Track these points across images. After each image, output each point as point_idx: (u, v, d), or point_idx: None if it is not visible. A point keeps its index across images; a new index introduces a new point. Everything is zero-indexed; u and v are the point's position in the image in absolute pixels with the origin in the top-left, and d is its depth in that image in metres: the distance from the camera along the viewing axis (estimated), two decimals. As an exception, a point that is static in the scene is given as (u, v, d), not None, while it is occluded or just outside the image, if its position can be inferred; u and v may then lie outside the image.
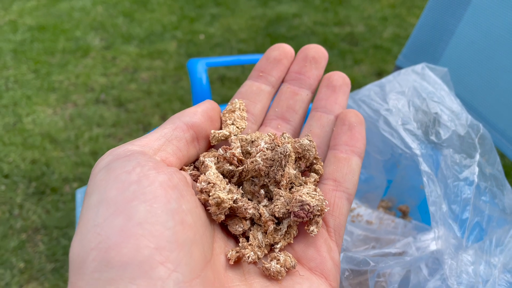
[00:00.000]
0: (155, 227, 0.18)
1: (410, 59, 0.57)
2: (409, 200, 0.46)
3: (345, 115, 0.28)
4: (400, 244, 0.31)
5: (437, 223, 0.28)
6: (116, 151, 0.22)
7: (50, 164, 1.23)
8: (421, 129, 0.31)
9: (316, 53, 0.31)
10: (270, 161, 0.24)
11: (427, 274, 0.30)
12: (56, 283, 0.96)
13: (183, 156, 0.24)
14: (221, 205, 0.22)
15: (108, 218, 0.19)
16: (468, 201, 0.29)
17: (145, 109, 1.47)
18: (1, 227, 1.06)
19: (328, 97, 0.30)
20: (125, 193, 0.19)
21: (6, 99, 1.47)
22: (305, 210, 0.23)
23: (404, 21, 2.12)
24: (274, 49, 0.31)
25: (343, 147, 0.27)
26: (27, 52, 1.73)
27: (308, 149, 0.26)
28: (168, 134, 0.24)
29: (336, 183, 0.26)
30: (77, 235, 0.19)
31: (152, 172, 0.20)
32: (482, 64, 0.50)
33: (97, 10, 2.09)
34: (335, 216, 0.25)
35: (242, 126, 0.27)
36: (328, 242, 0.24)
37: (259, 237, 0.24)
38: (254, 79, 0.31)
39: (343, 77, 0.30)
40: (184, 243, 0.19)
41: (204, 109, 0.26)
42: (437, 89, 0.33)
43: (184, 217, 0.20)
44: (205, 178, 0.23)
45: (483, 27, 0.50)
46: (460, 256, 0.27)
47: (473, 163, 0.31)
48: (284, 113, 0.30)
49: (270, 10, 2.19)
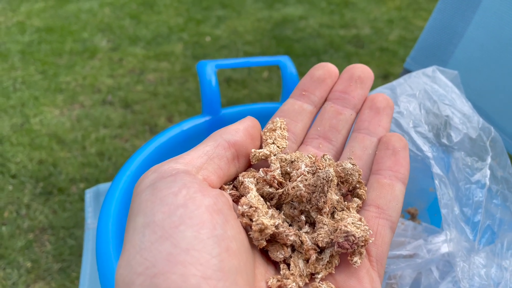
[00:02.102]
0: (201, 255, 0.18)
1: (419, 61, 0.57)
2: (418, 202, 0.46)
3: (389, 139, 0.27)
4: (410, 246, 0.31)
5: (449, 225, 0.28)
6: (161, 168, 0.22)
7: (57, 164, 1.24)
8: (433, 132, 0.32)
9: (362, 72, 0.30)
10: (312, 187, 0.24)
11: (438, 276, 0.30)
12: (63, 283, 0.96)
13: (223, 174, 0.24)
14: (264, 231, 0.22)
15: (155, 242, 0.18)
16: (480, 204, 0.29)
17: (151, 111, 1.48)
18: (8, 226, 1.07)
19: (371, 119, 0.29)
20: (172, 217, 0.19)
21: (14, 99, 1.48)
22: (349, 241, 0.22)
23: (410, 24, 2.11)
24: (319, 68, 0.31)
25: (386, 173, 0.26)
26: (34, 53, 1.74)
27: (351, 173, 0.25)
28: (210, 152, 0.24)
29: (379, 210, 0.25)
30: (124, 257, 0.19)
31: (198, 195, 0.20)
32: (491, 67, 0.50)
33: (104, 12, 2.10)
34: (378, 245, 0.24)
35: (283, 145, 0.27)
36: (370, 272, 0.23)
37: (300, 265, 0.23)
38: (296, 98, 0.30)
39: (387, 99, 0.30)
40: (229, 272, 0.19)
41: (246, 126, 0.26)
42: (448, 91, 0.33)
43: (229, 243, 0.20)
44: (247, 201, 0.22)
45: (493, 30, 0.50)
46: (472, 259, 0.27)
47: (484, 166, 0.31)
48: (327, 133, 0.29)
49: (276, 12, 2.20)
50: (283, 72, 0.53)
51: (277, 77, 1.67)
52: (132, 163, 0.43)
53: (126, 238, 0.20)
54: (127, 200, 0.40)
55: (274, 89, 1.61)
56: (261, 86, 1.62)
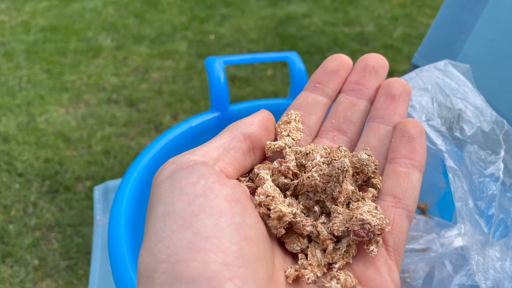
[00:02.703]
0: (222, 242, 0.19)
1: (427, 57, 0.57)
2: (428, 197, 0.46)
3: (405, 126, 0.27)
4: (423, 240, 0.31)
5: (463, 219, 0.28)
6: (179, 160, 0.22)
7: (63, 163, 1.25)
8: (445, 125, 0.31)
9: (376, 62, 0.30)
10: (327, 177, 0.24)
11: (451, 270, 0.29)
12: (70, 280, 0.97)
13: (239, 166, 0.24)
14: (282, 219, 0.22)
15: (176, 231, 0.19)
16: (494, 197, 0.29)
17: (156, 109, 1.48)
18: (15, 225, 1.07)
19: (387, 107, 0.28)
20: (192, 206, 0.19)
21: (20, 99, 1.49)
22: (365, 229, 0.22)
23: (415, 21, 2.11)
24: (332, 59, 0.30)
25: (402, 161, 0.26)
26: (39, 53, 1.75)
27: (367, 164, 0.25)
28: (226, 144, 0.24)
29: (396, 200, 0.25)
30: (145, 246, 0.19)
31: (216, 185, 0.21)
32: (501, 62, 0.49)
33: (108, 11, 2.11)
34: (395, 235, 0.24)
35: (298, 137, 0.27)
36: (388, 262, 0.23)
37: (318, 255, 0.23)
38: (310, 90, 0.30)
39: (404, 85, 0.29)
40: (249, 259, 0.19)
41: (260, 119, 0.26)
42: (460, 85, 0.33)
43: (248, 232, 0.20)
44: (263, 191, 0.23)
45: (502, 25, 0.50)
46: (487, 252, 0.27)
47: (498, 159, 0.31)
48: (341, 125, 0.29)
49: (279, 10, 2.19)
50: (291, 68, 0.53)
51: (281, 74, 1.67)
52: (142, 159, 0.43)
53: (147, 227, 0.20)
54: (138, 195, 0.40)
55: (279, 86, 1.60)
56: (265, 83, 1.62)
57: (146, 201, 0.42)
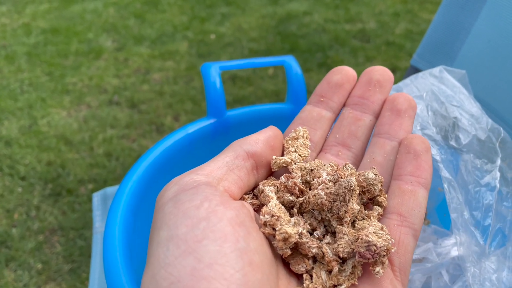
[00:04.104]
0: (225, 269, 0.18)
1: (426, 58, 0.57)
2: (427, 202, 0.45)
3: (410, 142, 0.26)
4: (420, 250, 0.31)
5: (459, 230, 0.27)
6: (182, 180, 0.22)
7: (66, 165, 1.25)
8: (441, 134, 0.31)
9: (381, 76, 0.29)
10: (333, 196, 0.23)
11: (448, 280, 0.29)
12: (73, 284, 0.97)
13: (243, 185, 0.24)
14: (288, 240, 0.21)
15: (178, 257, 0.19)
16: (490, 207, 0.29)
17: (157, 110, 1.48)
18: (18, 228, 1.08)
19: (392, 122, 0.28)
20: (195, 230, 0.19)
21: (22, 102, 1.49)
22: (371, 251, 0.21)
23: (417, 17, 2.09)
24: (336, 72, 0.30)
25: (408, 178, 0.25)
26: (40, 55, 1.75)
27: (373, 183, 0.24)
28: (230, 163, 0.24)
29: (401, 218, 0.24)
30: (148, 272, 0.19)
31: (220, 208, 0.20)
32: (500, 63, 0.49)
33: (108, 12, 2.11)
34: (401, 255, 0.23)
35: (305, 154, 0.26)
36: (394, 282, 0.23)
37: (323, 277, 0.23)
38: (314, 104, 0.29)
39: (409, 100, 0.28)
40: (253, 286, 0.19)
41: (267, 137, 0.26)
42: (456, 92, 0.32)
43: (252, 257, 0.19)
44: (269, 210, 0.22)
45: (501, 25, 0.49)
46: (483, 263, 0.27)
47: (494, 168, 0.30)
48: (346, 140, 0.28)
49: (280, 8, 2.19)
50: (288, 72, 0.52)
51: (282, 73, 1.66)
52: (138, 167, 0.43)
53: (150, 252, 0.20)
54: (133, 204, 0.40)
55: (280, 85, 1.60)
56: (266, 83, 1.61)
57: (142, 210, 0.42)
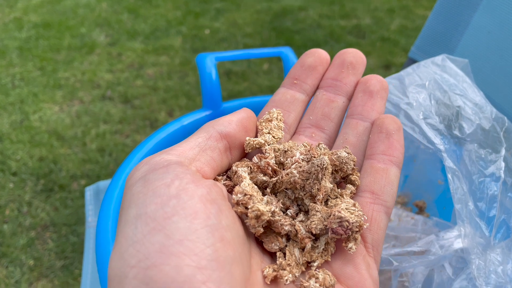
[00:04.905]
0: (195, 245, 0.18)
1: (424, 50, 0.56)
2: (426, 195, 0.45)
3: (382, 122, 0.27)
4: (422, 242, 0.30)
5: (463, 221, 0.27)
6: (153, 160, 0.21)
7: (58, 161, 1.23)
8: (444, 123, 0.30)
9: (353, 58, 0.29)
10: (306, 174, 0.23)
11: (451, 273, 0.28)
12: (66, 280, 0.96)
13: (216, 166, 0.24)
14: (260, 218, 0.21)
15: (147, 234, 0.18)
16: (495, 197, 0.28)
17: (151, 105, 1.46)
18: (10, 224, 1.06)
19: (364, 103, 0.28)
20: (165, 208, 0.19)
21: (13, 96, 1.47)
22: (344, 227, 0.22)
23: (412, 13, 2.09)
24: (309, 55, 0.30)
25: (380, 157, 0.26)
26: (32, 50, 1.72)
27: (346, 162, 0.25)
28: (202, 144, 0.23)
29: (374, 196, 0.25)
30: (116, 251, 0.19)
31: (191, 186, 0.20)
32: (500, 54, 0.48)
33: (101, 7, 2.08)
34: (373, 231, 0.24)
35: (279, 136, 0.26)
36: (366, 259, 0.23)
37: (296, 254, 0.23)
38: (288, 87, 0.29)
39: (381, 81, 0.29)
40: (224, 262, 0.18)
41: (240, 118, 0.25)
42: (459, 81, 0.32)
43: (224, 233, 0.19)
44: (241, 189, 0.22)
45: (500, 16, 0.48)
46: (488, 255, 0.26)
47: (499, 158, 0.29)
48: (319, 121, 0.29)
49: (275, 3, 2.17)
50: (285, 64, 0.51)
51: (277, 69, 1.65)
52: (131, 160, 0.42)
53: (119, 231, 0.19)
54: (127, 198, 0.39)
55: (275, 81, 1.59)
56: (261, 78, 1.60)
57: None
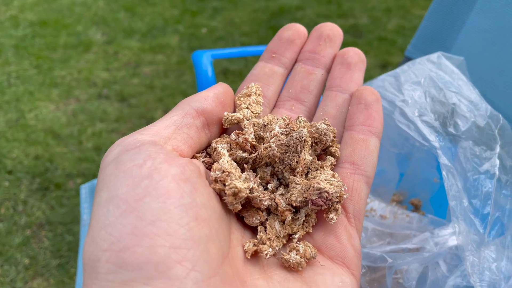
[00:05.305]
0: (169, 225, 0.18)
1: (420, 49, 0.56)
2: (422, 193, 0.45)
3: (361, 93, 0.27)
4: (416, 239, 0.30)
5: (458, 218, 0.27)
6: (125, 141, 0.21)
7: (54, 160, 1.23)
8: (439, 121, 0.30)
9: (331, 31, 0.29)
10: (285, 147, 0.23)
11: (445, 270, 0.28)
12: (61, 279, 0.96)
13: (194, 143, 0.23)
14: (238, 195, 0.21)
15: (119, 217, 0.18)
16: (489, 195, 0.28)
17: (148, 104, 1.46)
18: (5, 223, 1.06)
19: (343, 75, 0.28)
20: (136, 189, 0.18)
21: (9, 95, 1.46)
22: (323, 198, 0.22)
23: (409, 13, 2.09)
24: (287, 29, 0.30)
25: (359, 128, 0.26)
26: (28, 48, 1.72)
27: (325, 133, 0.25)
28: (178, 121, 0.23)
29: (354, 166, 0.25)
30: (89, 236, 0.18)
31: (164, 166, 0.19)
32: (496, 53, 0.48)
33: (98, 5, 2.07)
34: (354, 201, 0.24)
35: (257, 111, 0.26)
36: (348, 229, 0.23)
37: (276, 227, 0.23)
38: (266, 61, 0.29)
39: (359, 54, 0.29)
40: (200, 240, 0.18)
41: (216, 93, 0.25)
42: (454, 78, 0.32)
43: (199, 211, 0.19)
44: (219, 166, 0.22)
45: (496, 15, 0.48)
46: (483, 252, 0.26)
47: (493, 155, 0.29)
48: (298, 94, 0.29)
49: (272, 2, 2.17)
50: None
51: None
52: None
53: (92, 215, 0.19)
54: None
55: (272, 80, 1.59)
56: (258, 77, 1.60)
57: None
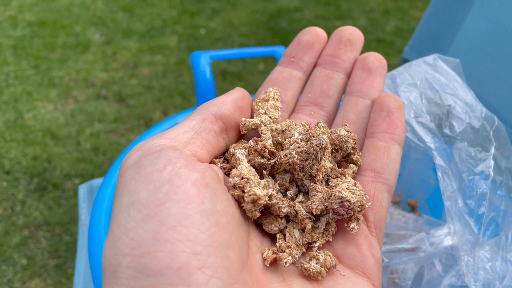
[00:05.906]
0: (189, 230, 0.18)
1: (418, 51, 0.56)
2: (418, 194, 0.45)
3: (383, 100, 0.26)
4: (412, 239, 0.30)
5: (453, 218, 0.27)
6: (145, 145, 0.21)
7: (52, 160, 1.23)
8: (434, 122, 0.31)
9: (351, 35, 0.29)
10: (305, 155, 0.23)
11: (441, 270, 0.29)
12: (59, 280, 0.95)
13: (212, 148, 0.23)
14: (257, 202, 0.21)
15: (140, 222, 0.18)
16: (484, 195, 0.28)
17: (146, 105, 1.46)
18: (3, 223, 1.06)
19: (363, 81, 0.28)
20: (157, 194, 0.18)
21: (7, 95, 1.46)
22: (345, 207, 0.21)
23: (407, 14, 2.10)
24: (306, 33, 0.29)
25: (381, 135, 0.25)
26: (27, 48, 1.71)
27: (346, 140, 0.24)
28: (196, 126, 0.23)
29: (376, 174, 0.24)
30: (109, 240, 0.18)
31: (184, 170, 0.19)
32: (492, 55, 0.49)
33: (96, 5, 2.07)
34: (375, 210, 0.23)
35: (275, 116, 0.26)
36: (368, 238, 0.23)
37: (296, 235, 0.22)
38: (284, 65, 0.29)
39: (380, 58, 0.28)
40: (220, 246, 0.18)
41: (234, 98, 0.25)
42: (450, 80, 0.32)
43: (219, 218, 0.19)
44: (238, 173, 0.22)
45: (493, 17, 0.49)
46: (477, 252, 0.26)
47: (488, 156, 0.30)
48: (318, 99, 0.28)
49: (271, 4, 2.18)
50: (279, 63, 0.51)
51: (272, 69, 1.66)
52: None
53: (112, 219, 0.19)
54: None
55: (270, 81, 1.59)
56: (256, 78, 1.60)
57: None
